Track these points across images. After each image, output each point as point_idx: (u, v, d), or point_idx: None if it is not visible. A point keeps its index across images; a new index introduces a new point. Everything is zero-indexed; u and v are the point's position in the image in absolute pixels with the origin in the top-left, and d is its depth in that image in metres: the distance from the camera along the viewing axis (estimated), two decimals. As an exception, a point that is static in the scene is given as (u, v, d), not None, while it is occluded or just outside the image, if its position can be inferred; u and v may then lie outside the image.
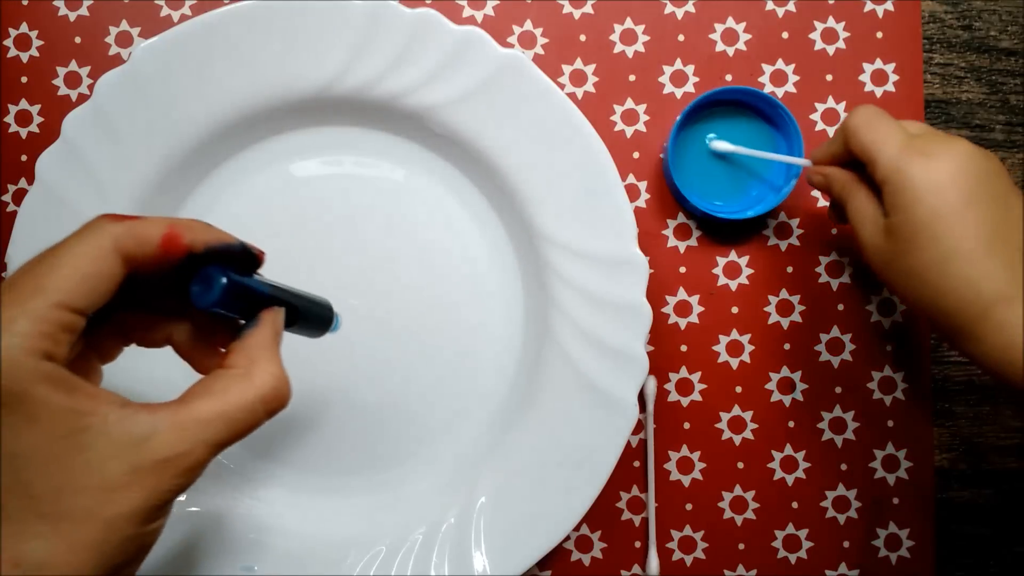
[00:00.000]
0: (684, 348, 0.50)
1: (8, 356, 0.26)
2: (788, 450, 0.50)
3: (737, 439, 0.50)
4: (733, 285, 0.50)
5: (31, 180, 0.46)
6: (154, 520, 0.29)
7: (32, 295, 0.27)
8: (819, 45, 0.50)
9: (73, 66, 0.50)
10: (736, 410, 0.50)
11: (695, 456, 0.50)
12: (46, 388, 0.27)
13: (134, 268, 0.30)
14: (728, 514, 0.50)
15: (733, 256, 0.50)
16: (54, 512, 0.27)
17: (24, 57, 0.50)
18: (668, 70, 0.50)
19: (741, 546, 0.50)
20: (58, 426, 0.27)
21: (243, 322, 0.33)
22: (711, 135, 0.44)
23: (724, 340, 0.50)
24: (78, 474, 0.27)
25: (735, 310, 0.50)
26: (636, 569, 0.49)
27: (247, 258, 0.33)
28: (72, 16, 0.50)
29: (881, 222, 0.38)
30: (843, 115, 0.50)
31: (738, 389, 0.50)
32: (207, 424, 0.29)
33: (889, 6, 0.50)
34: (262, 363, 0.32)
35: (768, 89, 0.50)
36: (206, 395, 0.30)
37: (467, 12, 0.50)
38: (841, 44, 0.50)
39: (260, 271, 0.35)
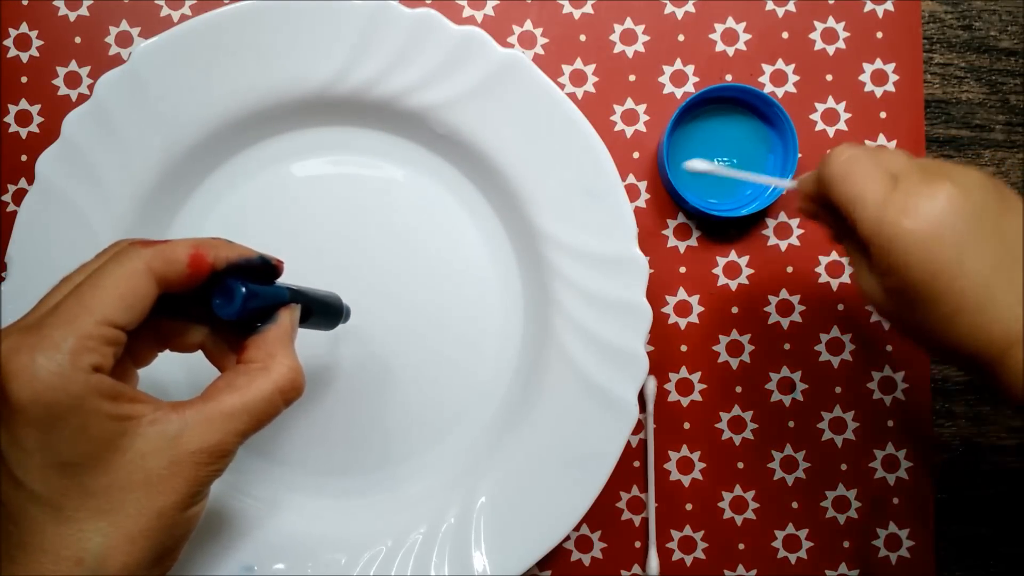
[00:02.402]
0: (684, 348, 0.50)
1: (62, 372, 0.29)
2: (788, 450, 0.50)
3: (737, 439, 0.50)
4: (733, 285, 0.50)
5: (31, 180, 0.46)
6: (195, 504, 0.33)
7: (78, 315, 0.30)
8: (819, 45, 0.50)
9: (73, 66, 0.50)
10: (736, 410, 0.50)
11: (695, 456, 0.50)
12: (96, 399, 0.30)
13: (166, 287, 0.33)
14: (728, 514, 0.50)
15: (733, 256, 0.50)
16: (109, 508, 0.31)
17: (24, 57, 0.50)
18: (668, 70, 0.50)
19: (741, 546, 0.50)
20: (105, 431, 0.30)
21: (258, 324, 0.36)
22: (687, 160, 0.42)
23: (724, 340, 0.50)
24: (125, 472, 0.31)
25: (735, 310, 0.50)
26: (636, 569, 0.49)
27: (267, 269, 0.36)
28: (72, 16, 0.50)
29: (878, 280, 0.36)
30: (843, 115, 0.50)
31: (738, 389, 0.50)
32: (232, 416, 0.33)
33: (889, 6, 0.50)
34: (279, 357, 0.35)
35: (768, 89, 0.50)
36: (229, 390, 0.33)
37: (467, 12, 0.50)
38: (841, 44, 0.50)
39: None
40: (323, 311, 0.40)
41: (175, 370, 0.48)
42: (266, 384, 0.34)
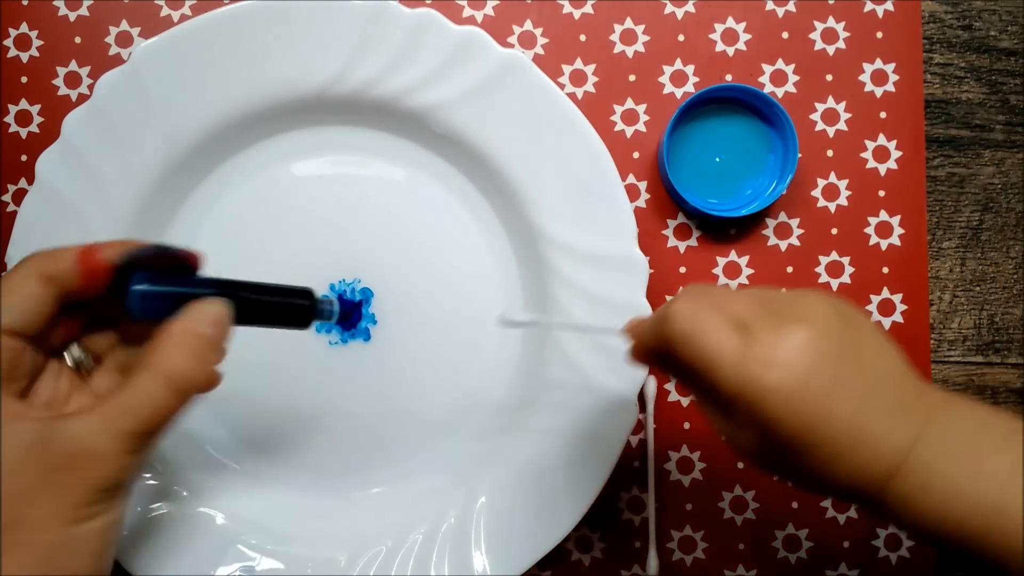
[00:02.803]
0: (684, 348, 0.50)
1: None
2: (788, 450, 0.50)
3: (737, 439, 0.50)
4: (733, 285, 0.50)
5: (31, 180, 0.46)
6: (87, 517, 0.30)
7: None
8: (819, 45, 0.50)
9: (73, 66, 0.50)
10: (736, 410, 0.50)
11: (695, 456, 0.50)
12: None
13: (64, 288, 0.33)
14: (728, 514, 0.50)
15: (733, 256, 0.50)
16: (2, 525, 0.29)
17: (24, 57, 0.50)
18: (668, 70, 0.50)
19: (741, 546, 0.50)
20: None
21: None
22: (504, 310, 0.39)
23: (724, 340, 0.50)
24: (4, 486, 0.29)
25: (735, 310, 0.50)
26: (636, 569, 0.49)
27: (178, 261, 0.35)
28: (72, 16, 0.50)
29: (748, 436, 0.33)
30: (843, 115, 0.50)
31: (738, 389, 0.50)
32: (111, 416, 0.31)
33: (889, 6, 0.50)
34: (165, 350, 0.32)
35: (768, 89, 0.50)
36: (117, 388, 0.32)
37: (467, 12, 0.50)
38: (841, 44, 0.50)
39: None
40: (268, 308, 0.37)
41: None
42: (144, 380, 0.32)
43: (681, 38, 0.50)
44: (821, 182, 0.50)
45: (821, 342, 0.32)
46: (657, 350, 0.35)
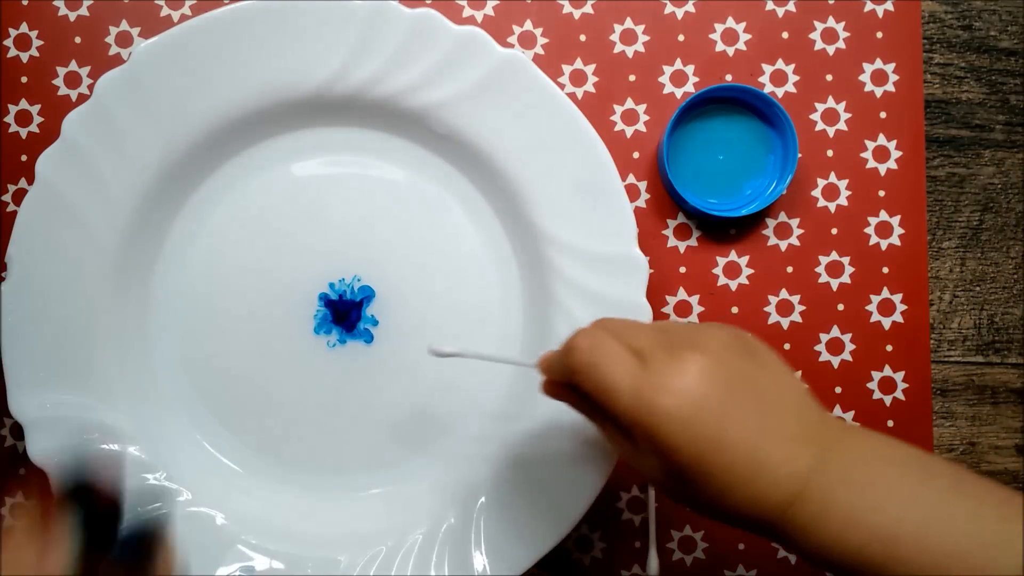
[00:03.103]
0: (684, 348, 0.50)
1: None
2: (788, 450, 0.50)
3: (737, 439, 0.50)
4: (733, 285, 0.50)
5: (31, 180, 0.46)
6: None
7: None
8: (819, 45, 0.50)
9: (73, 66, 0.50)
10: (736, 410, 0.50)
11: (695, 456, 0.50)
12: None
13: None
14: (728, 514, 0.50)
15: (733, 256, 0.50)
16: None
17: (24, 57, 0.50)
18: (668, 70, 0.50)
19: (741, 546, 0.50)
20: None
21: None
22: (431, 342, 0.40)
23: (724, 340, 0.50)
24: None
25: (735, 310, 0.50)
26: (636, 569, 0.49)
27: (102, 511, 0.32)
28: (72, 16, 0.50)
29: (654, 464, 0.34)
30: (843, 115, 0.50)
31: (738, 389, 0.50)
32: None
33: (889, 6, 0.50)
34: None
35: (768, 89, 0.50)
36: None
37: (467, 12, 0.50)
38: (841, 44, 0.50)
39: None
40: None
41: (178, 373, 0.48)
42: None
43: (681, 38, 0.50)
44: (821, 182, 0.50)
45: (716, 370, 0.32)
46: (565, 382, 0.36)
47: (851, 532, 0.32)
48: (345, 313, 0.47)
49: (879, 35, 0.50)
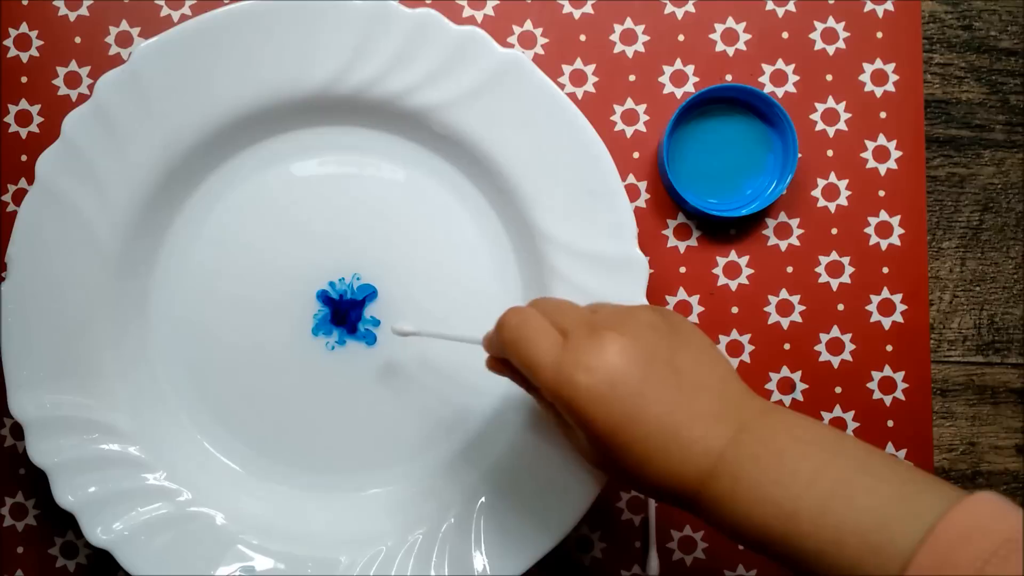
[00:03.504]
0: (684, 348, 0.50)
1: None
2: (788, 450, 0.50)
3: (737, 439, 0.50)
4: (733, 285, 0.50)
5: (31, 180, 0.46)
6: None
7: None
8: (819, 45, 0.50)
9: (73, 66, 0.50)
10: (736, 410, 0.50)
11: (695, 456, 0.50)
12: None
13: None
14: (728, 514, 0.50)
15: (733, 256, 0.50)
16: None
17: (24, 57, 0.50)
18: (668, 70, 0.50)
19: (741, 546, 0.50)
20: None
21: None
22: (397, 322, 0.45)
23: (724, 340, 0.50)
24: None
25: (735, 310, 0.50)
26: (636, 569, 0.49)
27: None
28: (72, 16, 0.50)
29: (581, 436, 0.36)
30: (843, 115, 0.50)
31: (738, 389, 0.50)
32: None
33: (889, 6, 0.50)
34: None
35: (768, 89, 0.50)
36: None
37: (467, 12, 0.50)
38: (841, 44, 0.50)
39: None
40: None
41: (178, 373, 0.48)
42: None
43: (681, 38, 0.50)
44: (821, 182, 0.50)
45: (634, 349, 0.34)
46: (502, 357, 0.38)
47: (757, 507, 0.33)
48: (345, 312, 0.47)
49: (879, 35, 0.50)
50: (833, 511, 0.32)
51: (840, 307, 0.50)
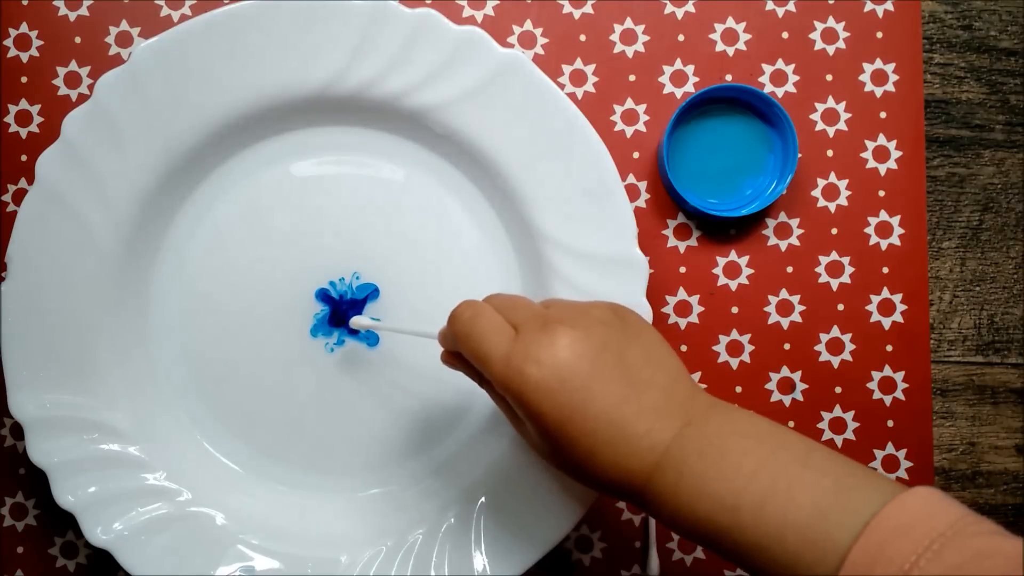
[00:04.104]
0: (684, 348, 0.50)
1: None
2: (788, 450, 0.50)
3: (737, 439, 0.50)
4: (733, 285, 0.50)
5: (31, 180, 0.46)
6: None
7: None
8: (819, 45, 0.50)
9: (73, 66, 0.50)
10: (736, 410, 0.50)
11: (695, 456, 0.50)
12: None
13: None
14: (728, 514, 0.50)
15: (733, 256, 0.50)
16: None
17: (24, 57, 0.50)
18: (668, 70, 0.50)
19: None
20: None
21: None
22: (356, 316, 0.46)
23: (724, 340, 0.50)
24: None
25: (735, 310, 0.50)
26: (636, 569, 0.49)
27: None
28: (72, 16, 0.50)
29: (531, 430, 0.36)
30: (843, 115, 0.50)
31: (738, 389, 0.50)
32: None
33: (889, 6, 0.50)
34: None
35: (768, 89, 0.50)
36: None
37: (467, 12, 0.50)
38: (841, 44, 0.50)
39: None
40: None
41: (178, 373, 0.48)
42: None
43: (681, 38, 0.50)
44: (821, 182, 0.50)
45: (584, 344, 0.35)
46: (456, 353, 0.39)
47: (700, 501, 0.34)
48: (345, 312, 0.47)
49: (879, 35, 0.50)
50: (772, 505, 0.32)
51: (840, 307, 0.50)
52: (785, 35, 0.50)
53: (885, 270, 0.50)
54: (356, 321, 0.46)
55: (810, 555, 0.31)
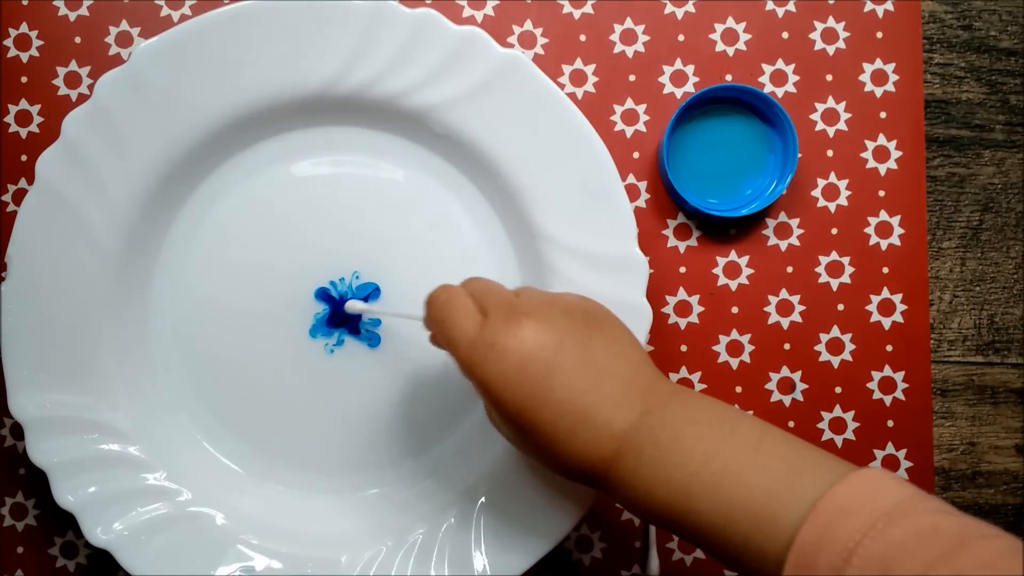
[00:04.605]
0: (684, 348, 0.50)
1: None
2: (788, 450, 0.50)
3: (737, 439, 0.50)
4: (733, 285, 0.50)
5: (31, 180, 0.46)
6: None
7: None
8: (819, 45, 0.50)
9: (73, 66, 0.50)
10: (736, 410, 0.50)
11: (695, 456, 0.50)
12: None
13: None
14: (728, 514, 0.50)
15: (733, 256, 0.50)
16: None
17: (24, 57, 0.50)
18: (668, 70, 0.50)
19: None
20: None
21: None
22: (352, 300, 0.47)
23: (724, 340, 0.50)
24: None
25: (735, 310, 0.50)
26: (636, 569, 0.49)
27: None
28: (72, 16, 0.50)
29: (499, 415, 0.37)
30: (843, 115, 0.50)
31: (738, 389, 0.50)
32: None
33: (889, 6, 0.50)
34: None
35: (768, 89, 0.50)
36: None
37: (467, 12, 0.50)
38: (841, 44, 0.50)
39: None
40: None
41: (178, 373, 0.48)
42: None
43: (681, 38, 0.50)
44: (821, 182, 0.50)
45: (546, 335, 0.36)
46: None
47: (657, 487, 0.35)
48: (345, 313, 0.47)
49: (879, 35, 0.50)
50: (724, 489, 0.33)
51: (840, 307, 0.50)
52: (785, 35, 0.50)
53: (885, 270, 0.50)
54: (351, 305, 0.46)
55: (761, 536, 0.32)
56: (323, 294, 0.47)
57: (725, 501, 0.33)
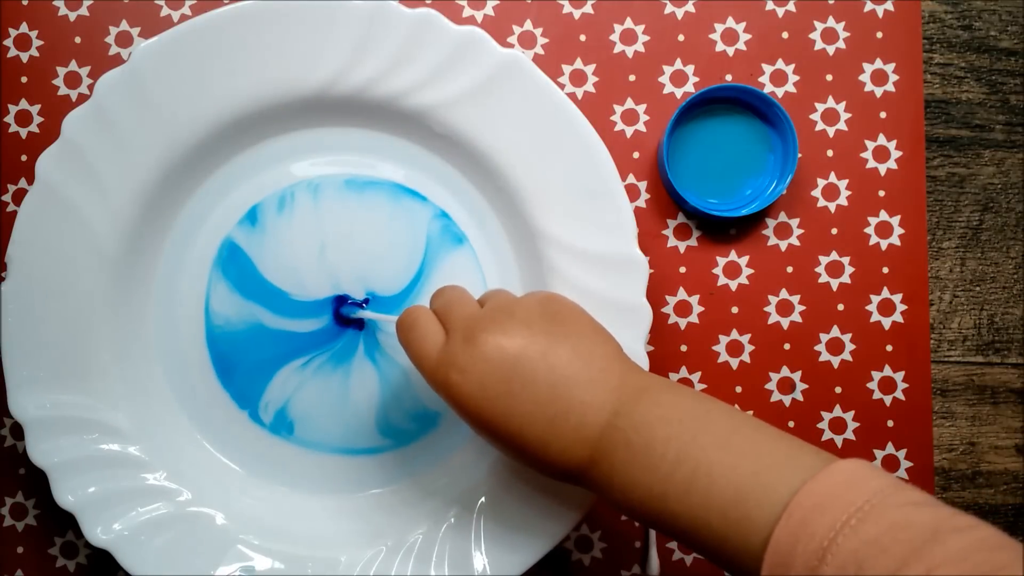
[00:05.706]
0: (684, 348, 0.50)
1: None
2: (788, 450, 0.50)
3: (737, 439, 0.50)
4: (733, 285, 0.50)
5: (31, 180, 0.46)
6: None
7: None
8: (819, 45, 0.50)
9: (73, 66, 0.50)
10: (736, 410, 0.50)
11: (695, 456, 0.50)
12: None
13: None
14: (728, 514, 0.50)
15: (733, 256, 0.50)
16: None
17: (24, 57, 0.50)
18: (668, 70, 0.50)
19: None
20: None
21: None
22: (355, 309, 0.47)
23: (724, 340, 0.50)
24: None
25: (735, 310, 0.50)
26: (636, 569, 0.49)
27: None
28: (72, 16, 0.50)
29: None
30: (843, 115, 0.50)
31: (738, 389, 0.50)
32: None
33: (889, 6, 0.50)
34: None
35: (768, 89, 0.50)
36: None
37: (467, 12, 0.50)
38: (841, 44, 0.50)
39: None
40: None
41: (179, 373, 0.48)
42: None
43: (681, 38, 0.50)
44: (821, 182, 0.50)
45: (503, 352, 0.36)
46: None
47: (632, 490, 0.35)
48: (346, 313, 0.47)
49: (879, 35, 0.50)
50: (696, 491, 0.33)
51: (840, 307, 0.50)
52: (785, 35, 0.50)
53: (885, 270, 0.50)
54: (345, 311, 0.47)
55: (737, 537, 0.32)
56: (333, 299, 0.48)
57: (699, 503, 0.33)
